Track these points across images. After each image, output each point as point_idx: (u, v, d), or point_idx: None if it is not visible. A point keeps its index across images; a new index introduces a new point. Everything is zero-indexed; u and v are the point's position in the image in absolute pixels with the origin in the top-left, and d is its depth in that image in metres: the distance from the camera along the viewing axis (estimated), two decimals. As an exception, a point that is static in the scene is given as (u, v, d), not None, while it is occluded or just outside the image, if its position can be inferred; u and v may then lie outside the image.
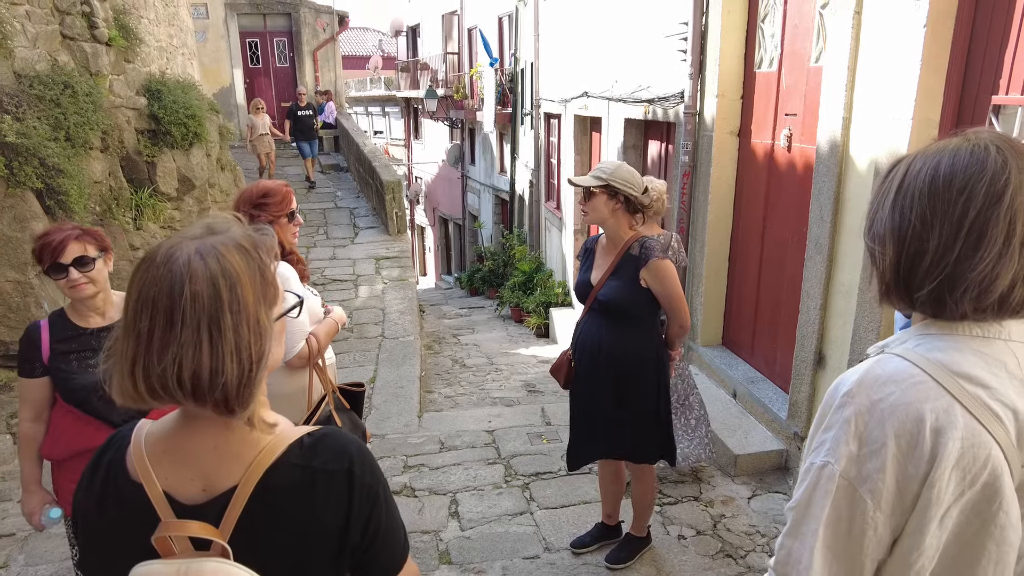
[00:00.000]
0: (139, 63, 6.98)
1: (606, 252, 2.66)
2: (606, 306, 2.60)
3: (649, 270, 2.50)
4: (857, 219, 3.08)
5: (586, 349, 2.70)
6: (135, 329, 0.88)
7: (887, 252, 0.94)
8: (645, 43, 5.63)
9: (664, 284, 2.52)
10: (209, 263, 0.90)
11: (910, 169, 0.94)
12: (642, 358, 2.62)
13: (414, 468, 3.95)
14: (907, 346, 0.94)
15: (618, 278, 2.56)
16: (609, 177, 2.48)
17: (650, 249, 2.50)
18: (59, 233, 2.01)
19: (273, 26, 15.19)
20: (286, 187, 2.40)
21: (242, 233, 0.97)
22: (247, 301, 0.91)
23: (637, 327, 2.61)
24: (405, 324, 6.88)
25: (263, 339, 0.94)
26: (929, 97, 2.64)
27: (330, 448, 1.00)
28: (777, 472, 3.79)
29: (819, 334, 3.43)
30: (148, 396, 0.90)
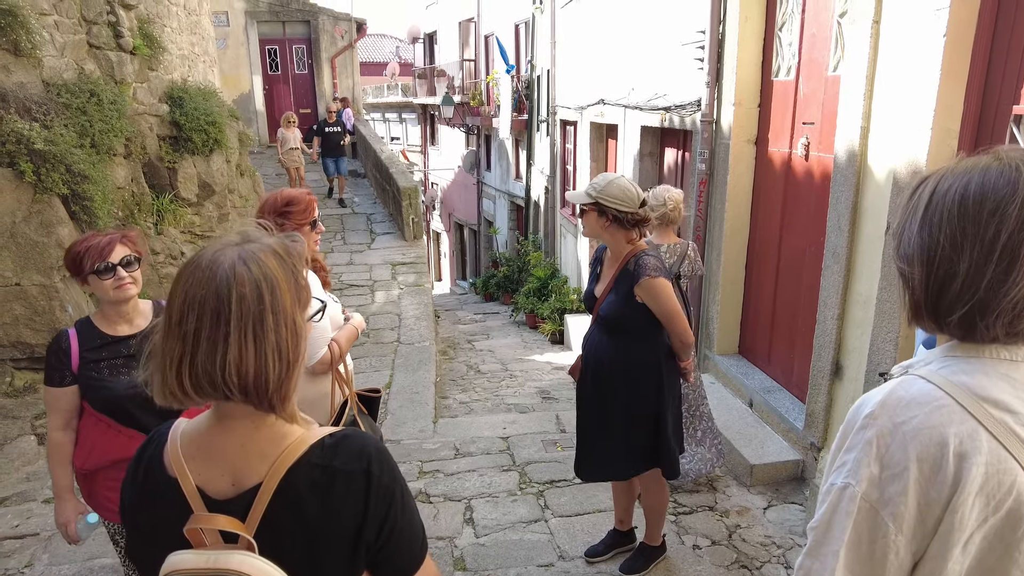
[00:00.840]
0: (162, 71, 7.10)
1: (610, 264, 2.67)
2: (605, 320, 2.64)
3: (642, 288, 2.49)
4: (875, 229, 3.06)
5: (590, 359, 2.74)
6: (182, 329, 0.94)
7: (915, 273, 0.93)
8: (662, 51, 5.64)
9: (657, 302, 2.51)
10: (252, 268, 0.95)
11: (938, 188, 0.93)
12: (642, 367, 2.63)
13: (429, 474, 3.98)
14: (931, 368, 0.94)
15: (615, 293, 2.58)
16: (598, 194, 2.47)
17: (643, 267, 2.48)
18: (104, 236, 2.09)
19: (292, 33, 15.38)
20: (309, 195, 2.44)
21: (276, 240, 1.03)
22: (285, 303, 0.97)
23: (637, 340, 2.62)
24: (421, 330, 6.92)
25: (300, 339, 1.00)
26: (949, 107, 2.62)
27: (350, 448, 1.03)
28: (793, 482, 3.77)
29: (836, 344, 3.41)
30: (195, 393, 0.95)
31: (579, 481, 3.82)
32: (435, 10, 19.56)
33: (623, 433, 2.68)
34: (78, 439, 2.13)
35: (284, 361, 0.96)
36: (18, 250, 4.68)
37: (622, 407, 2.66)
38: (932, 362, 0.96)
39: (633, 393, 2.64)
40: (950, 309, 0.90)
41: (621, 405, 2.66)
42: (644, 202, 2.54)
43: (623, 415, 2.67)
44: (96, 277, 2.04)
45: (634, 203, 2.49)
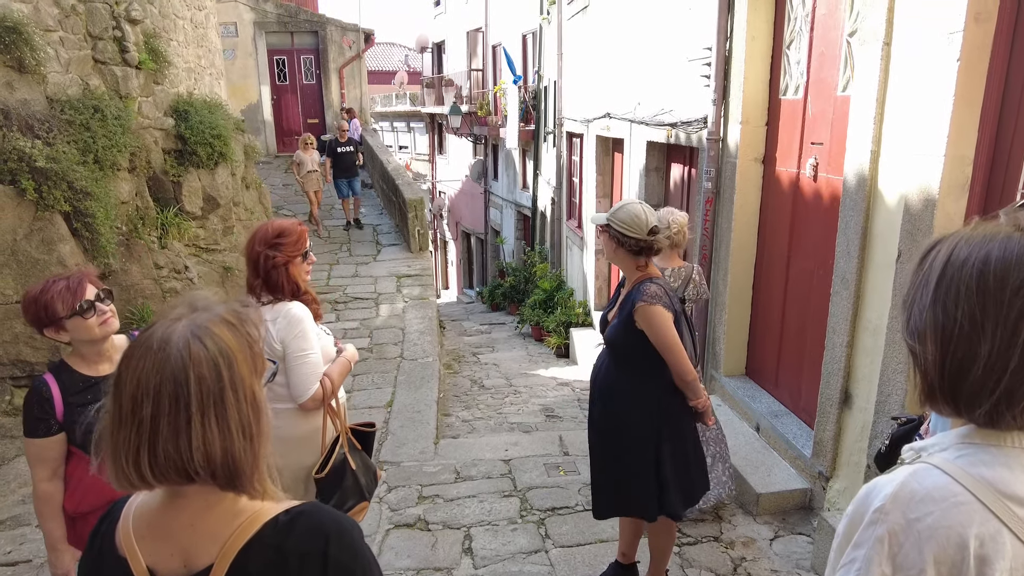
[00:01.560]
0: (167, 84, 7.10)
1: (624, 289, 2.64)
2: (608, 344, 2.62)
3: (637, 314, 2.44)
4: (885, 256, 2.98)
5: (596, 386, 2.71)
6: (136, 417, 0.89)
7: (928, 351, 0.85)
8: (668, 66, 5.57)
9: (651, 330, 2.44)
10: (207, 344, 0.91)
11: (953, 258, 0.85)
12: (641, 397, 2.55)
13: (428, 499, 3.91)
14: (947, 456, 0.86)
15: (619, 319, 2.55)
16: (610, 219, 2.48)
17: (642, 293, 2.43)
18: (66, 278, 1.99)
19: (300, 44, 15.44)
20: (300, 226, 2.39)
21: (227, 308, 0.98)
22: (244, 376, 0.93)
23: (639, 371, 2.55)
24: (424, 345, 6.86)
25: (260, 411, 0.96)
26: (963, 133, 2.54)
27: (306, 526, 0.98)
28: (800, 512, 3.67)
29: (845, 372, 3.32)
30: (157, 480, 0.91)
31: (581, 508, 3.77)
32: (443, 20, 19.62)
33: (630, 469, 2.60)
34: (67, 485, 2.05)
35: (248, 437, 0.92)
36: (19, 268, 4.67)
37: (626, 439, 2.59)
38: (948, 448, 0.88)
39: (633, 426, 2.56)
40: (973, 398, 0.82)
41: (625, 437, 2.59)
42: (654, 230, 2.48)
43: (627, 448, 2.59)
44: (79, 318, 1.96)
45: (642, 230, 2.45)
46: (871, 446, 3.12)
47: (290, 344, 2.25)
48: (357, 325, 7.46)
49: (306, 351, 2.25)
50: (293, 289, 2.31)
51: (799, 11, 3.91)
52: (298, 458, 2.37)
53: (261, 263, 2.28)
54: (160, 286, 6.62)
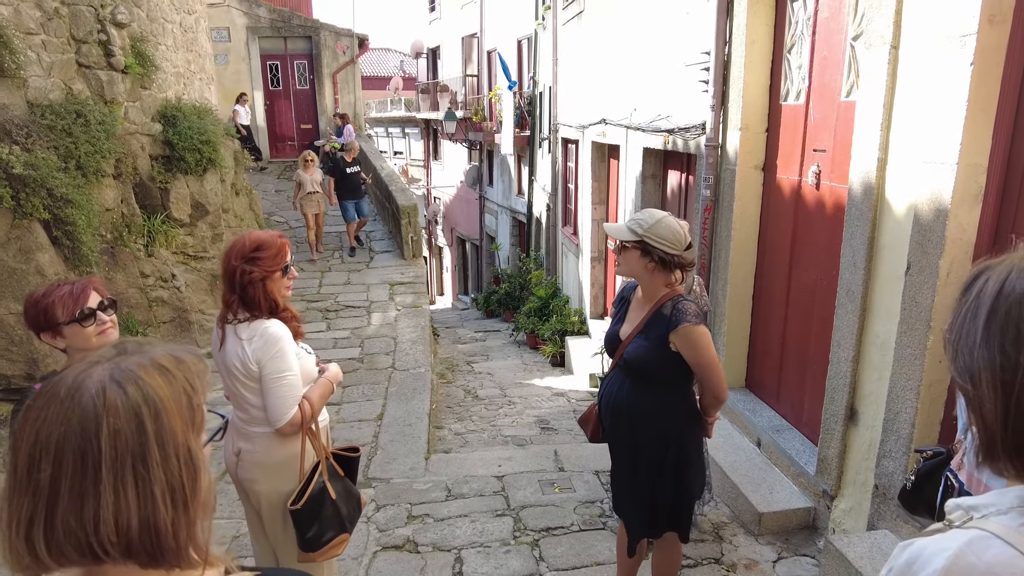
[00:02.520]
0: (155, 89, 6.97)
1: (640, 305, 2.46)
2: (630, 366, 2.41)
3: (679, 335, 2.28)
4: (893, 268, 2.86)
5: (609, 408, 2.53)
6: (31, 481, 0.73)
7: (986, 397, 0.73)
8: (665, 72, 5.47)
9: (695, 352, 2.30)
10: (128, 390, 0.76)
11: (1006, 289, 0.73)
12: (667, 418, 2.42)
13: (418, 519, 3.76)
14: (1008, 522, 0.73)
15: (646, 338, 2.36)
16: (645, 233, 2.27)
17: (682, 312, 2.28)
18: (71, 284, 1.98)
19: (294, 49, 15.32)
20: (281, 238, 2.25)
21: (163, 352, 0.83)
22: (175, 430, 0.78)
23: (664, 391, 2.42)
24: (417, 355, 6.72)
25: (198, 472, 0.80)
26: (976, 140, 2.43)
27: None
28: (804, 531, 3.54)
29: (851, 387, 3.20)
30: (53, 559, 0.74)
31: (576, 528, 3.63)
32: (438, 25, 19.54)
33: (648, 488, 2.47)
34: None
35: (180, 503, 0.76)
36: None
37: (646, 460, 2.45)
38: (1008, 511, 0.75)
39: (655, 446, 2.43)
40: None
41: (645, 458, 2.45)
42: (690, 244, 2.36)
43: (647, 469, 2.46)
44: (78, 325, 1.92)
45: (681, 245, 2.31)
46: (879, 465, 3.00)
47: (267, 365, 2.11)
48: (348, 334, 7.31)
49: (284, 372, 2.12)
50: (271, 306, 2.17)
51: (800, 15, 3.80)
52: (275, 485, 2.23)
53: (237, 278, 2.14)
54: (146, 295, 6.47)
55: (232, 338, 2.16)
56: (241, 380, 2.16)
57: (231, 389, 2.23)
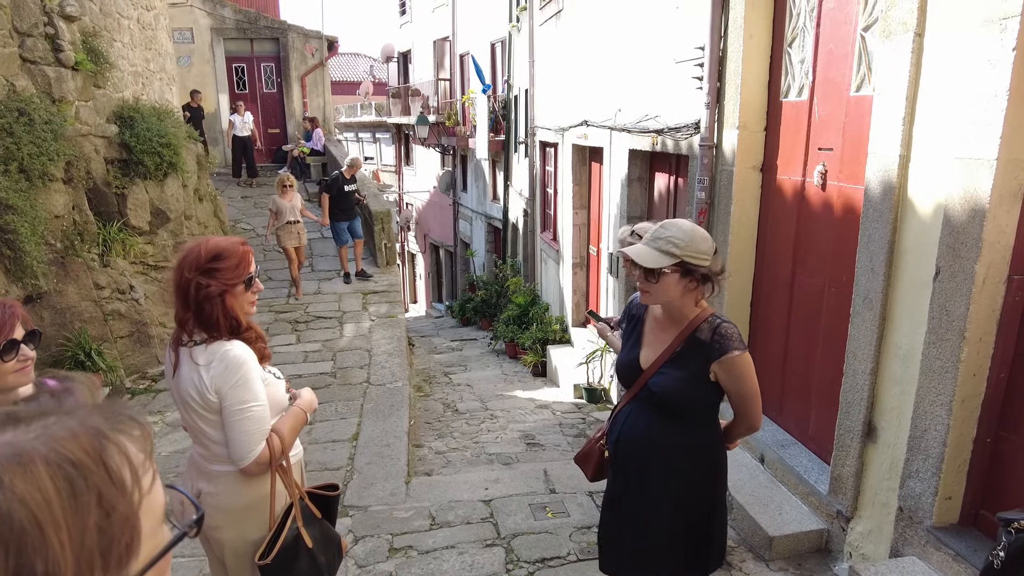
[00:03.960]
0: (110, 88, 6.53)
1: (661, 327, 2.13)
2: (661, 399, 2.07)
3: (723, 365, 1.99)
4: (920, 273, 2.64)
5: (632, 450, 2.17)
6: None
7: None
8: (653, 70, 5.25)
9: (741, 383, 2.02)
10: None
11: None
12: (701, 454, 2.15)
13: (401, 552, 3.44)
14: None
15: (679, 367, 2.03)
16: (684, 252, 1.93)
17: (727, 338, 1.98)
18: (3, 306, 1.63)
19: (260, 51, 14.85)
20: (243, 245, 1.93)
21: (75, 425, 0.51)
22: (56, 572, 0.45)
23: (696, 425, 2.13)
24: (393, 368, 6.38)
25: None
26: (1018, 135, 2.22)
27: None
28: (817, 555, 3.31)
29: (869, 402, 2.98)
30: None
31: (574, 558, 3.35)
32: (409, 29, 19.22)
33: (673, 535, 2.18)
34: None
35: None
36: (-75, 292, 4.07)
37: (690, 503, 2.16)
38: None
39: (693, 488, 2.15)
40: None
41: (689, 501, 2.15)
42: (716, 250, 2.05)
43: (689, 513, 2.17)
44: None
45: (710, 255, 1.98)
46: (904, 486, 2.77)
47: (228, 395, 1.79)
48: (319, 347, 6.94)
49: (247, 403, 1.80)
50: (232, 325, 1.85)
51: (802, 6, 3.60)
52: (241, 532, 1.91)
53: (192, 293, 1.81)
54: (101, 308, 6.02)
55: (187, 363, 1.83)
56: (198, 412, 1.84)
57: (188, 422, 1.91)
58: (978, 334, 2.42)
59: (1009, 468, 2.50)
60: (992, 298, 2.39)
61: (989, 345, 2.44)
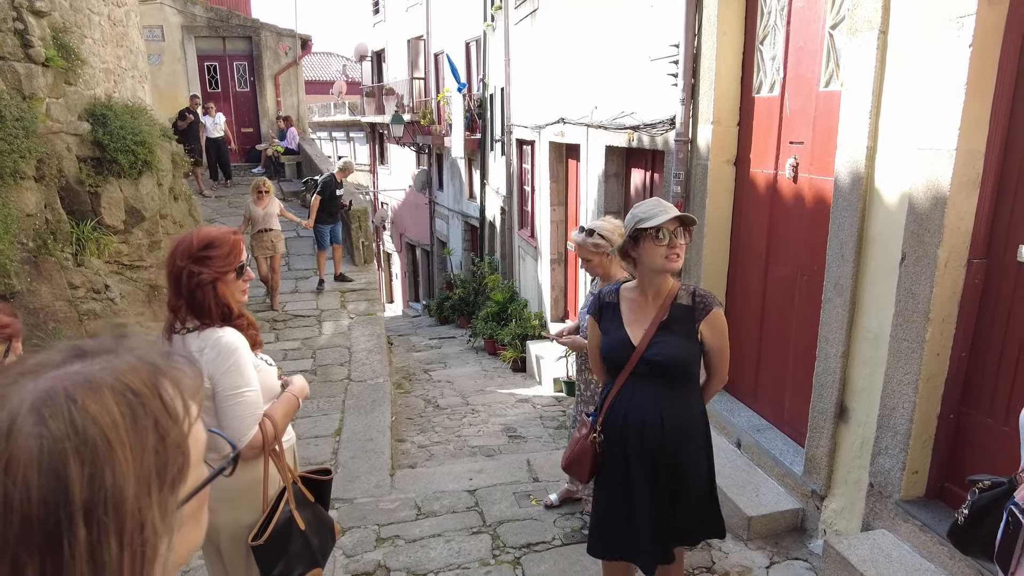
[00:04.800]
0: (82, 85, 6.44)
1: (639, 306, 2.23)
2: (662, 367, 2.15)
3: (710, 322, 2.18)
4: (886, 259, 2.77)
5: (643, 426, 2.20)
6: None
7: None
8: (628, 67, 5.35)
9: (723, 337, 2.24)
10: (52, 428, 0.49)
11: None
12: (702, 425, 2.30)
13: (388, 541, 3.48)
14: None
15: (671, 332, 2.15)
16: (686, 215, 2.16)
17: (707, 298, 2.20)
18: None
19: (233, 49, 14.69)
20: (234, 235, 1.97)
21: (134, 360, 0.56)
22: (123, 494, 0.51)
23: (692, 389, 2.27)
24: (374, 364, 6.40)
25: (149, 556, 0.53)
26: (975, 125, 2.35)
27: None
28: (793, 534, 3.43)
29: (840, 384, 3.10)
30: None
31: (559, 543, 3.42)
32: (383, 28, 19.15)
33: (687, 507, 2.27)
34: None
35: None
36: None
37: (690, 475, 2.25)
38: None
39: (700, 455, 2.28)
40: None
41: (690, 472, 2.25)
42: None
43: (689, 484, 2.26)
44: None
45: None
46: (874, 463, 2.90)
47: (221, 380, 1.82)
48: (298, 345, 6.92)
49: (240, 388, 1.83)
50: (224, 312, 1.88)
51: (773, 4, 3.72)
52: (235, 515, 1.94)
53: (184, 281, 1.85)
54: (76, 308, 5.94)
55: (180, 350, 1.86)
56: (193, 399, 1.86)
57: (180, 409, 1.93)
58: (941, 315, 2.54)
59: (970, 442, 2.64)
60: (954, 281, 2.52)
61: (951, 325, 2.57)
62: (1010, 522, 1.45)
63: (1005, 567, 1.47)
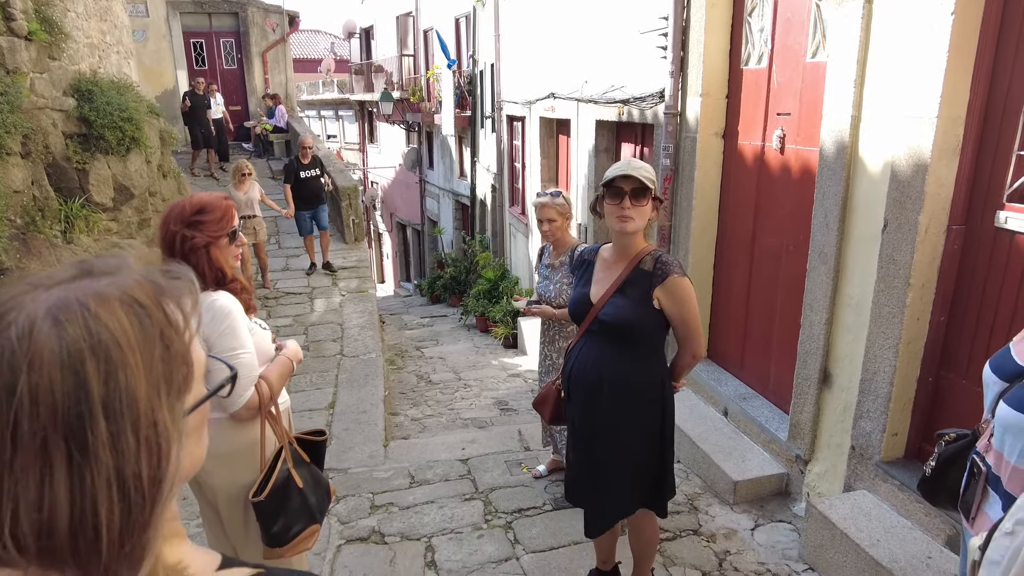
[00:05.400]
0: (66, 60, 6.37)
1: (610, 265, 2.30)
2: (610, 327, 2.23)
3: (666, 289, 2.15)
4: (869, 226, 2.82)
5: (584, 380, 2.32)
6: None
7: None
8: (618, 41, 5.35)
9: (682, 306, 2.18)
10: (69, 331, 0.54)
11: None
12: (648, 389, 2.29)
13: (382, 508, 3.55)
14: None
15: (625, 296, 2.21)
16: (654, 186, 2.15)
17: (668, 265, 2.17)
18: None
19: (219, 26, 14.48)
20: (226, 200, 1.99)
21: (138, 277, 0.60)
22: (136, 393, 0.55)
23: (644, 353, 2.27)
24: (366, 340, 6.44)
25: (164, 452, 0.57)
26: (956, 92, 2.39)
27: None
28: (778, 498, 3.52)
29: (824, 350, 3.17)
30: None
31: (550, 508, 3.50)
32: (371, 4, 18.91)
33: (630, 467, 2.32)
34: None
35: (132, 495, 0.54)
36: None
37: (628, 434, 2.29)
38: None
39: (646, 414, 2.29)
40: None
41: (627, 432, 2.29)
42: None
43: (629, 444, 2.30)
44: None
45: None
46: (856, 427, 2.98)
47: (216, 343, 1.86)
48: (290, 322, 6.95)
49: (236, 351, 1.87)
50: (217, 276, 1.91)
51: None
52: (233, 477, 1.99)
53: (177, 245, 1.87)
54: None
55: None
56: (189, 361, 1.90)
57: (177, 373, 1.97)
58: (921, 280, 2.61)
59: (948, 404, 2.72)
60: (934, 246, 2.57)
61: (931, 291, 2.63)
62: (973, 471, 1.52)
63: (967, 513, 1.55)
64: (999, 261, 2.45)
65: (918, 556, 2.52)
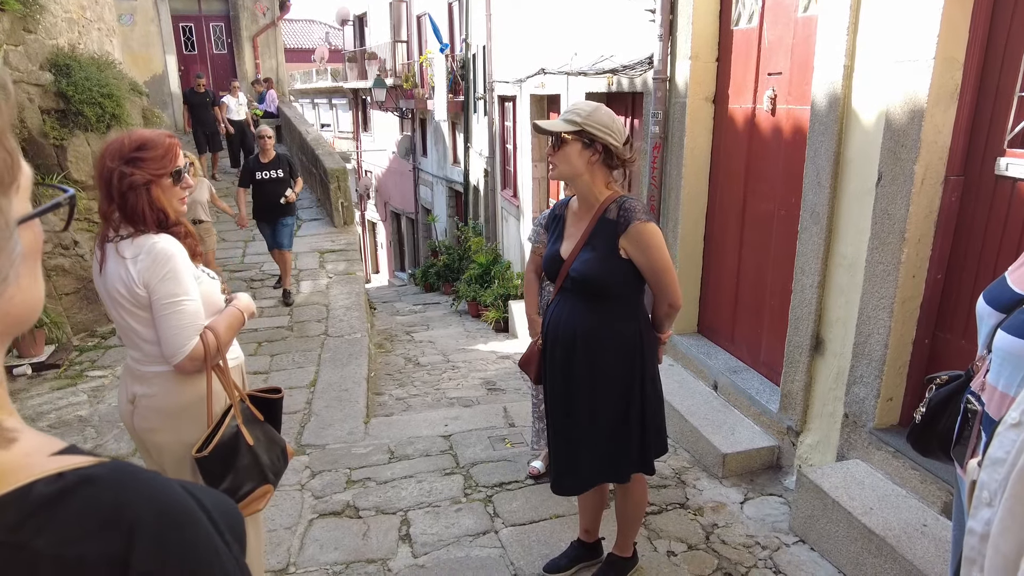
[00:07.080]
0: (43, 34, 6.20)
1: (578, 218, 2.18)
2: (579, 283, 2.12)
3: (629, 237, 2.02)
4: (863, 181, 2.69)
5: (559, 338, 2.20)
6: None
7: None
8: (606, 8, 5.19)
9: (648, 253, 2.05)
10: None
11: None
12: (623, 339, 2.16)
13: (359, 483, 3.42)
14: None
15: (592, 248, 2.09)
16: (584, 121, 2.01)
17: (631, 211, 2.04)
18: None
19: (208, 10, 14.29)
20: (170, 138, 1.84)
21: None
22: None
23: (617, 307, 2.15)
24: (352, 320, 6.30)
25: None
26: (953, 32, 2.25)
27: (86, 512, 0.49)
28: (769, 471, 3.40)
29: (816, 315, 3.04)
30: None
31: (531, 482, 3.38)
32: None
33: (609, 425, 2.19)
34: None
35: None
36: None
37: (604, 391, 2.17)
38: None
39: (615, 373, 2.16)
40: None
41: (603, 389, 2.17)
42: (628, 139, 2.10)
43: (606, 401, 2.18)
44: None
45: (622, 136, 2.08)
46: (849, 393, 2.85)
47: (157, 288, 1.72)
48: (275, 303, 6.80)
49: (179, 297, 1.73)
50: (159, 218, 1.77)
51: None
52: (178, 435, 1.85)
53: (115, 183, 1.73)
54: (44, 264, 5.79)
55: (113, 258, 1.76)
56: (128, 309, 1.77)
57: (119, 322, 1.83)
58: (917, 235, 2.47)
59: (945, 366, 2.58)
60: (930, 199, 2.44)
61: (927, 246, 2.50)
62: (968, 411, 1.40)
63: (960, 457, 1.42)
64: (999, 212, 2.31)
65: (913, 524, 2.40)
